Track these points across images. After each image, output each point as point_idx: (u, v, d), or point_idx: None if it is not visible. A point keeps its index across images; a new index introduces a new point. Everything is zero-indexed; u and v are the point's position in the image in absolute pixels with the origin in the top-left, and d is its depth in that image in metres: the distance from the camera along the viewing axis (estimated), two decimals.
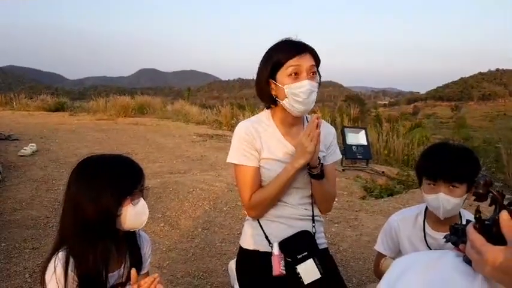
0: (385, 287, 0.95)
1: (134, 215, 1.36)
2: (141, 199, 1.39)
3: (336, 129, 1.83)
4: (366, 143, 6.23)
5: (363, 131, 6.40)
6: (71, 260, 1.31)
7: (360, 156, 6.11)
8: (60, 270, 1.29)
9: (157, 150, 7.08)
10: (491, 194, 0.79)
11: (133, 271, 1.37)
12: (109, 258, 1.39)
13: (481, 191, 0.79)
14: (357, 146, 6.12)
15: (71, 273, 1.30)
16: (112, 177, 1.34)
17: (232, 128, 10.16)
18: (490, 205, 0.80)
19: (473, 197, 0.83)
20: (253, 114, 1.89)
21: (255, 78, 1.73)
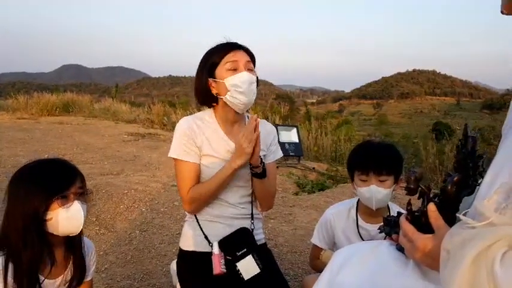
0: (328, 277, 1.04)
1: (66, 219, 1.30)
2: (76, 203, 1.33)
3: None
4: (297, 141, 6.40)
5: (295, 129, 6.55)
6: (10, 266, 1.28)
7: (292, 153, 6.27)
8: None
9: (86, 150, 6.76)
10: (420, 188, 0.90)
11: None
12: (52, 263, 1.37)
13: (412, 186, 0.90)
14: (289, 143, 6.26)
15: (10, 279, 1.28)
16: (40, 181, 1.31)
17: (164, 126, 9.96)
18: (419, 198, 0.92)
19: (404, 191, 0.95)
20: (185, 112, 1.90)
21: (186, 75, 1.74)
